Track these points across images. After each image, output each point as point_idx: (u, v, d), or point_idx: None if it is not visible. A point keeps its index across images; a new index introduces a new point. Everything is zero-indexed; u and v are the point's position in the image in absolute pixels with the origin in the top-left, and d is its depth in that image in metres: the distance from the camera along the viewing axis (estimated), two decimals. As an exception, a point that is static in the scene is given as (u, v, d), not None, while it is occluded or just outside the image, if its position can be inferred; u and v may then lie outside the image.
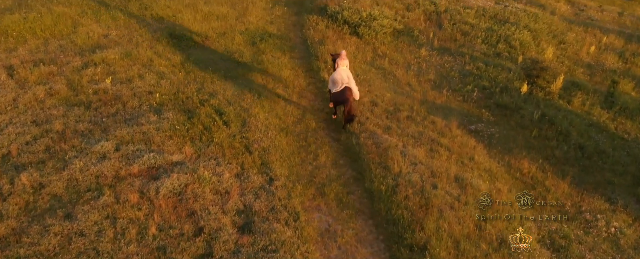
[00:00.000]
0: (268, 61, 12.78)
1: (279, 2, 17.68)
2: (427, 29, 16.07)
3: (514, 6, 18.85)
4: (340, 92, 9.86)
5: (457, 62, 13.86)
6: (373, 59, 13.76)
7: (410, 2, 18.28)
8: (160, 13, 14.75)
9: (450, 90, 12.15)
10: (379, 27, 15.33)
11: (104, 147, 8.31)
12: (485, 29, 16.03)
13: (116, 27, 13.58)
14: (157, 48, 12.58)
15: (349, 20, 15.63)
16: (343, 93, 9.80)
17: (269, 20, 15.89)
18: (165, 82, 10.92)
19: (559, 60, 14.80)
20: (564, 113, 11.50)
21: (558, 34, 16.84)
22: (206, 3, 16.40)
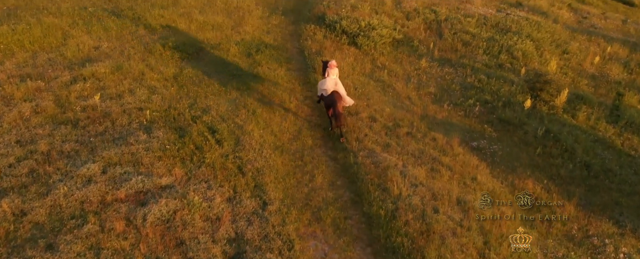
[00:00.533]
0: (264, 73, 12.48)
1: (276, 10, 17.41)
2: (427, 39, 15.78)
3: (516, 14, 18.58)
4: (329, 96, 10.24)
5: (458, 73, 13.56)
6: (372, 71, 13.46)
7: (410, 11, 18.02)
8: (154, 23, 14.46)
9: (451, 105, 11.84)
10: (378, 37, 15.05)
11: (90, 170, 7.99)
12: (487, 38, 15.74)
13: (108, 39, 13.28)
14: (150, 61, 12.27)
15: (347, 30, 15.34)
16: (331, 97, 10.18)
17: (265, 30, 15.60)
18: (157, 98, 10.60)
19: (562, 71, 14.52)
20: (569, 128, 11.19)
21: (561, 43, 16.56)
22: (201, 12, 16.11)
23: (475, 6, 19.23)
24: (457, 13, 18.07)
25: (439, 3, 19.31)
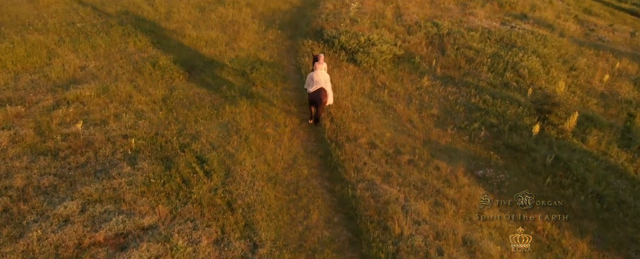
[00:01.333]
0: (258, 94, 11.99)
1: (273, 24, 16.94)
2: (429, 55, 15.29)
3: (521, 27, 18.10)
4: (315, 92, 10.56)
5: (462, 93, 13.06)
6: (372, 91, 12.96)
7: (411, 24, 17.55)
8: (144, 40, 13.98)
9: (455, 128, 11.34)
10: (378, 54, 14.57)
11: (68, 208, 7.48)
12: (491, 54, 15.26)
13: (95, 57, 12.80)
14: (138, 82, 11.78)
15: (346, 45, 14.87)
16: (318, 94, 10.53)
17: (261, 46, 15.12)
18: (144, 123, 10.11)
19: (570, 90, 14.03)
20: (579, 155, 10.69)
21: (568, 58, 16.08)
22: (195, 27, 15.65)
23: (478, 18, 18.76)
24: (460, 26, 17.60)
25: (442, 15, 18.85)
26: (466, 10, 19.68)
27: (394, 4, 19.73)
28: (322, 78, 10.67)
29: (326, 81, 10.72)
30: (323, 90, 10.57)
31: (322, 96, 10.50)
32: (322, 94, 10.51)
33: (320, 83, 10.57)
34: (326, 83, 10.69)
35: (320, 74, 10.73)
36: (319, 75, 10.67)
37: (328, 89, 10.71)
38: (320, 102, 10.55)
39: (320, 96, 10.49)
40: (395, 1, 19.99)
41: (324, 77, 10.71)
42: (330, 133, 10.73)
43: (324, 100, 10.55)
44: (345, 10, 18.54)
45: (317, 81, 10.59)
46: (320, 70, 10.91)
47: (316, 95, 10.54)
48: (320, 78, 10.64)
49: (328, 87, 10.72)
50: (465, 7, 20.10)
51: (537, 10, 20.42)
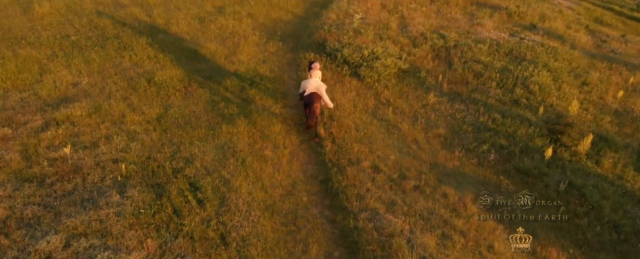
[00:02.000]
0: (257, 112, 11.57)
1: (274, 36, 16.53)
2: (436, 69, 14.83)
3: (531, 39, 17.61)
4: (308, 96, 10.93)
5: (470, 111, 12.59)
6: (375, 108, 12.51)
7: (416, 36, 17.11)
8: (140, 54, 13.59)
9: (463, 150, 10.86)
10: (382, 68, 14.12)
11: (51, 243, 7.07)
12: (500, 68, 14.78)
13: (89, 73, 12.42)
14: (132, 100, 11.39)
15: (349, 59, 14.43)
16: (310, 97, 10.88)
17: (261, 59, 14.71)
18: (136, 146, 9.70)
19: (583, 106, 13.52)
20: (594, 180, 10.19)
21: (580, 72, 15.58)
22: (193, 39, 15.27)
23: (486, 29, 18.30)
24: (467, 38, 17.13)
25: (448, 26, 18.40)
26: (474, 21, 19.22)
27: (399, 13, 19.30)
28: (315, 85, 10.98)
29: (319, 88, 11.00)
30: (315, 93, 10.90)
31: (314, 98, 10.85)
32: (314, 97, 10.86)
33: (311, 89, 10.91)
34: (318, 89, 10.97)
35: (313, 82, 11.03)
36: (312, 83, 11.00)
37: (322, 94, 11.04)
38: (312, 103, 10.84)
39: (312, 98, 10.85)
40: (401, 11, 19.55)
41: (317, 84, 11.01)
42: (332, 155, 10.30)
43: (315, 102, 10.83)
44: (348, 20, 18.12)
45: (310, 88, 10.92)
46: (314, 77, 11.20)
47: (309, 98, 10.92)
48: (314, 85, 10.97)
49: (321, 91, 11.03)
50: (473, 17, 19.64)
51: (547, 21, 19.92)
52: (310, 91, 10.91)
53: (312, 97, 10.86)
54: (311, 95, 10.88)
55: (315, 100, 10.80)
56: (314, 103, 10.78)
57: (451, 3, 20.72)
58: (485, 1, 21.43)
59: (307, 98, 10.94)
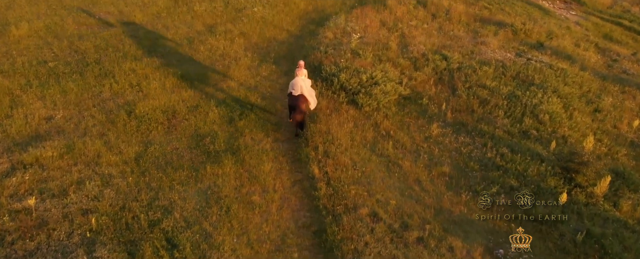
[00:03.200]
0: (246, 148, 10.76)
1: (267, 57, 15.74)
2: (439, 95, 14.04)
3: (538, 59, 16.83)
4: (294, 97, 11.19)
5: (477, 144, 11.79)
6: (374, 141, 11.70)
7: (417, 56, 16.31)
8: (122, 82, 12.78)
9: (470, 193, 10.04)
10: (382, 95, 13.32)
11: (2, 322, 6.25)
12: (507, 95, 13.98)
13: (64, 105, 11.60)
14: (109, 137, 10.58)
15: (346, 85, 13.63)
16: (296, 99, 11.14)
17: (253, 85, 13.91)
18: (110, 193, 8.88)
19: (597, 137, 12.73)
20: (613, 226, 9.40)
21: (592, 97, 14.79)
22: (180, 63, 14.46)
23: (491, 49, 17.52)
24: (471, 59, 16.34)
25: (451, 45, 17.61)
26: (477, 39, 18.45)
27: (399, 31, 18.51)
28: (302, 84, 11.29)
29: (305, 87, 11.35)
30: (301, 95, 11.20)
31: (299, 102, 11.15)
32: (300, 99, 11.17)
33: (299, 89, 11.20)
34: (305, 89, 11.30)
35: (301, 80, 11.33)
36: (299, 82, 11.26)
37: (308, 95, 11.38)
38: (298, 107, 11.15)
39: (298, 102, 11.14)
40: (401, 29, 18.77)
41: (303, 84, 11.32)
42: (326, 200, 9.48)
43: (302, 107, 11.18)
44: (346, 39, 17.34)
45: (299, 87, 11.21)
46: (300, 77, 11.44)
47: (294, 100, 11.19)
48: (300, 84, 11.25)
49: (307, 93, 11.37)
50: (477, 34, 18.88)
51: (555, 38, 19.15)
52: (297, 92, 11.17)
53: (297, 99, 11.16)
54: (297, 97, 11.17)
55: (301, 104, 11.17)
56: (299, 107, 11.13)
57: (454, 19, 19.95)
58: (489, 17, 20.67)
59: (293, 101, 11.21)
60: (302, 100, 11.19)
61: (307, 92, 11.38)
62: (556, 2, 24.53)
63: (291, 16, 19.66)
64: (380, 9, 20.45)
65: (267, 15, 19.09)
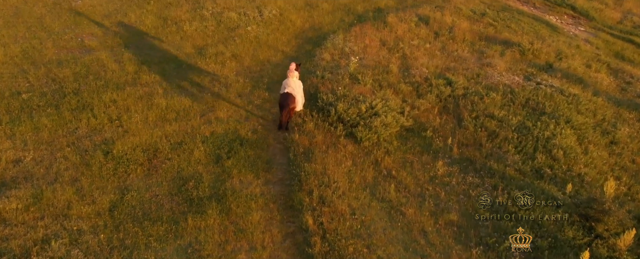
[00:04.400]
0: (233, 194, 9.87)
1: (260, 82, 14.88)
2: (444, 126, 13.15)
3: (548, 83, 15.95)
4: (283, 95, 11.84)
5: (486, 186, 10.90)
6: (375, 182, 10.82)
7: (420, 81, 15.43)
8: (101, 116, 11.88)
9: (481, 247, 9.14)
10: (382, 128, 12.45)
11: None
12: (517, 126, 13.11)
13: (36, 145, 10.72)
14: (82, 183, 9.68)
15: (344, 116, 12.75)
16: (285, 98, 11.79)
17: (243, 116, 13.03)
18: (78, 254, 7.98)
19: (613, 172, 11.86)
20: (642, 288, 8.49)
21: (607, 127, 13.90)
22: (166, 92, 13.57)
23: (498, 71, 16.65)
24: (478, 83, 15.47)
25: (455, 67, 16.75)
26: (483, 60, 17.59)
27: (401, 52, 17.65)
28: (293, 84, 12.02)
29: (296, 87, 12.05)
30: (291, 95, 11.82)
31: (289, 101, 11.80)
32: (290, 99, 11.80)
33: (289, 89, 11.89)
34: (295, 90, 11.97)
35: (292, 81, 12.08)
36: (290, 82, 12.04)
37: (298, 96, 12.04)
38: (287, 106, 11.80)
39: (288, 100, 11.79)
40: (402, 49, 17.91)
41: (294, 84, 12.04)
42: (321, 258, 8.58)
43: (291, 106, 11.85)
44: (344, 62, 16.49)
45: (289, 86, 11.94)
46: (292, 77, 12.16)
47: (284, 98, 11.81)
48: (290, 84, 12.02)
49: (298, 94, 12.06)
50: (482, 55, 18.01)
51: (564, 59, 18.28)
52: (288, 91, 11.84)
53: (287, 98, 11.79)
54: (286, 95, 11.80)
55: (290, 102, 11.82)
56: (287, 105, 11.80)
57: (457, 38, 19.08)
58: (494, 35, 19.81)
59: (282, 99, 11.87)
60: (291, 99, 11.80)
61: (297, 93, 12.01)
62: (564, 17, 23.69)
63: (287, 35, 18.81)
64: (380, 27, 19.60)
65: (261, 35, 18.25)
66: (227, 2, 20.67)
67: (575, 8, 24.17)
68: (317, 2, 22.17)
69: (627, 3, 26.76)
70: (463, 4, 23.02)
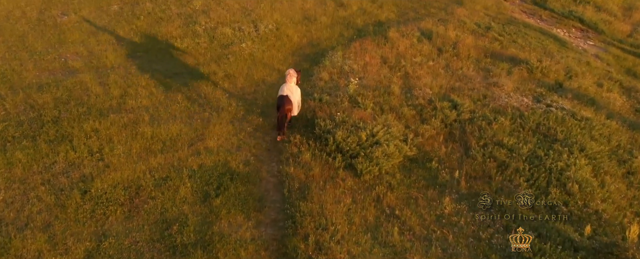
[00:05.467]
0: (221, 239, 9.10)
1: (254, 106, 14.11)
2: (450, 156, 12.37)
3: (559, 105, 15.17)
4: (280, 97, 11.98)
5: (497, 228, 10.10)
6: (377, 223, 10.03)
7: (423, 104, 14.66)
8: (81, 148, 11.10)
9: (493, 302, 8.35)
10: (384, 159, 11.67)
11: None
12: (528, 155, 12.33)
13: (8, 183, 9.93)
14: (55, 228, 8.89)
15: (343, 146, 11.97)
16: (281, 100, 11.92)
17: (235, 145, 12.26)
18: (45, 319, 7.18)
19: (632, 208, 11.08)
20: None
21: (623, 155, 13.10)
22: (153, 118, 12.79)
23: (505, 92, 15.88)
24: (485, 106, 14.69)
25: (460, 88, 15.98)
26: (489, 79, 16.82)
27: (402, 71, 16.89)
28: (291, 88, 12.28)
29: (294, 92, 12.32)
30: (287, 98, 11.96)
31: (284, 102, 11.92)
32: (286, 101, 11.93)
33: (286, 91, 12.08)
34: (294, 93, 12.27)
35: (290, 85, 12.33)
36: (288, 86, 12.28)
37: (294, 100, 12.21)
38: (282, 107, 11.95)
39: (283, 102, 11.92)
40: (404, 66, 17.15)
41: (288, 89, 12.23)
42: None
43: (287, 107, 11.97)
44: (343, 82, 15.73)
45: (285, 89, 12.14)
46: (290, 82, 12.38)
47: (280, 101, 11.99)
48: (288, 87, 12.25)
49: (294, 98, 12.23)
50: (488, 74, 17.24)
51: (575, 77, 17.51)
52: (283, 93, 12.01)
53: (282, 100, 11.94)
54: (282, 97, 11.97)
55: (286, 104, 11.94)
56: (284, 107, 11.93)
57: (462, 55, 18.33)
58: (500, 51, 19.04)
59: (278, 101, 12.09)
60: (286, 102, 11.94)
61: (294, 98, 12.21)
62: (572, 30, 22.94)
63: (283, 52, 18.05)
64: (381, 43, 18.85)
65: (256, 52, 17.50)
66: (222, 17, 19.96)
67: (583, 20, 23.40)
68: (316, 14, 21.45)
69: (636, 14, 26.03)
70: (467, 17, 22.29)
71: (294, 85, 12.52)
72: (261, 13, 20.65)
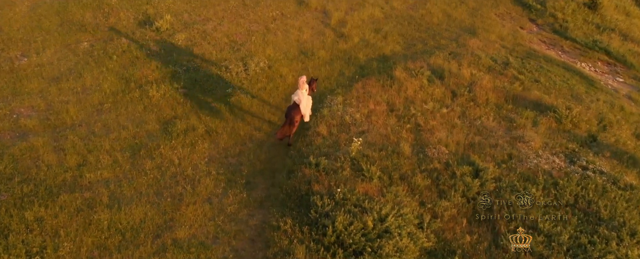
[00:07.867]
0: None
1: (237, 177, 12.05)
2: (476, 246, 10.30)
3: (596, 167, 13.10)
4: (290, 105, 12.64)
5: None
6: None
7: (440, 169, 12.62)
8: (18, 248, 8.91)
9: None
10: (396, 256, 9.56)
11: None
12: (570, 245, 10.26)
13: None
14: None
15: (345, 239, 9.93)
16: (291, 109, 12.48)
17: (211, 234, 10.16)
18: None
19: None
20: None
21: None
22: (112, 200, 10.65)
23: (533, 149, 13.81)
24: (511, 172, 12.60)
25: (481, 144, 13.91)
26: (513, 132, 14.71)
27: (413, 121, 14.80)
28: (299, 97, 12.56)
29: (304, 99, 12.59)
30: (297, 107, 12.43)
31: (292, 110, 12.36)
32: (294, 111, 12.35)
33: (297, 100, 12.50)
34: (303, 100, 12.55)
35: (301, 93, 12.61)
36: (299, 93, 12.60)
37: (304, 108, 12.60)
38: (289, 115, 12.35)
39: (292, 111, 12.35)
40: (414, 116, 15.06)
41: (299, 97, 12.56)
42: None
43: (293, 115, 12.29)
44: (344, 137, 13.62)
45: (296, 98, 12.56)
46: (302, 90, 12.65)
47: (289, 108, 12.50)
48: (296, 97, 12.62)
49: (304, 106, 12.61)
50: (511, 124, 15.13)
51: (609, 128, 15.43)
52: (294, 100, 12.53)
53: (292, 109, 12.37)
54: (292, 106, 12.46)
55: (294, 114, 12.34)
56: (291, 115, 12.31)
57: (479, 100, 16.24)
58: (522, 94, 16.91)
59: (288, 109, 12.55)
60: (296, 111, 12.35)
61: (304, 106, 12.60)
62: (598, 64, 20.87)
63: (276, 97, 15.92)
64: (386, 84, 16.79)
65: (244, 99, 15.39)
66: (207, 53, 17.91)
67: (609, 52, 21.35)
68: (313, 48, 19.37)
69: (665, 43, 23.98)
70: (481, 49, 20.23)
71: (306, 92, 12.77)
72: (252, 48, 18.58)
